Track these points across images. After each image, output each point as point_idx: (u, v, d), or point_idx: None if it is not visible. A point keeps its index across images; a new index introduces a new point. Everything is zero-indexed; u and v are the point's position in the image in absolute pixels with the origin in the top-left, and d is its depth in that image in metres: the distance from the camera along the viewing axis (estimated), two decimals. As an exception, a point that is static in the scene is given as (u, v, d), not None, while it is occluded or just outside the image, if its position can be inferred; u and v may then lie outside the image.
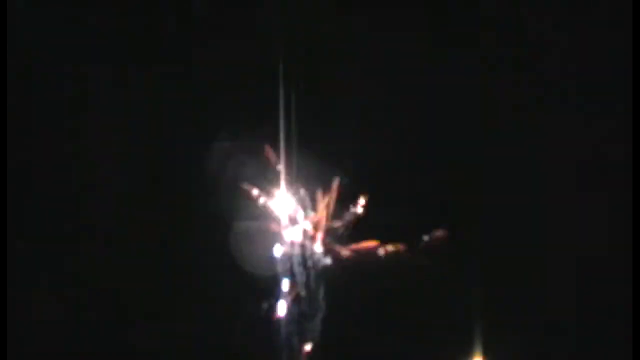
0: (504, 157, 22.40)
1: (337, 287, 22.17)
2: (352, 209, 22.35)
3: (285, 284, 22.26)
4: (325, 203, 22.26)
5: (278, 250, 22.30)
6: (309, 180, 22.36)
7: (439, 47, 22.47)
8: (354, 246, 22.19)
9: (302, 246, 22.35)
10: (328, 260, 22.32)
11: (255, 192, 22.39)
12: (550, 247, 21.90)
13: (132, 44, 22.89)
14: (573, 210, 22.04)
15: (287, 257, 22.31)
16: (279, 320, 22.14)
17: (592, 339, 21.22)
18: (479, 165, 22.43)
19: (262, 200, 22.37)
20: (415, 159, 22.49)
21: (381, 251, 21.99)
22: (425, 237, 22.15)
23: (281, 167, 22.33)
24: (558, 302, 21.62)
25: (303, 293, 22.15)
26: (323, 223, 22.37)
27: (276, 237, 22.37)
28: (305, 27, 22.54)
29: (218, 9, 23.17)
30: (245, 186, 22.38)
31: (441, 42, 22.52)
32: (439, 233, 22.12)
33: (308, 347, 22.07)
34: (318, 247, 22.39)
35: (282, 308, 22.12)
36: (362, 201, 22.27)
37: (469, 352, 21.46)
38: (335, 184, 22.25)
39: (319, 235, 22.40)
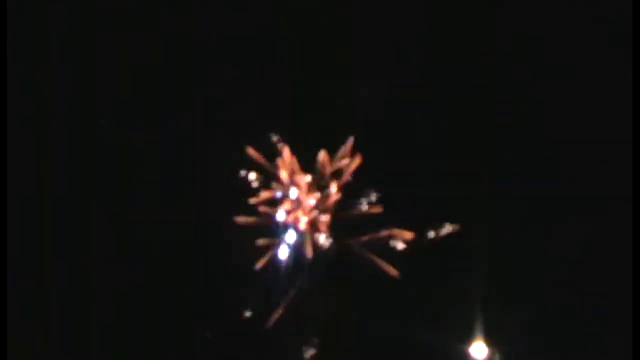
0: (508, 155, 22.55)
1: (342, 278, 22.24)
2: (363, 201, 22.36)
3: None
4: (335, 186, 22.20)
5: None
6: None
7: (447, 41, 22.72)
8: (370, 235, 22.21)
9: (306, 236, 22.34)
10: (334, 250, 22.31)
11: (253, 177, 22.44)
12: (553, 241, 22.03)
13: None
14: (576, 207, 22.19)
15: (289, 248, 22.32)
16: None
17: (593, 327, 21.39)
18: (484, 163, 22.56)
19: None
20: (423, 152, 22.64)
21: (400, 243, 22.01)
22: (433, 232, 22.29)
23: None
24: (559, 291, 21.76)
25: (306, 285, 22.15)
26: (330, 207, 22.32)
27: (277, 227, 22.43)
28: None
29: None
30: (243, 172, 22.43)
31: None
32: (449, 227, 22.21)
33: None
34: (324, 237, 22.36)
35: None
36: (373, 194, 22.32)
37: (470, 336, 21.56)
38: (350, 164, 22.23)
39: (325, 222, 22.37)
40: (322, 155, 22.16)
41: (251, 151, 22.30)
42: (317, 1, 23.29)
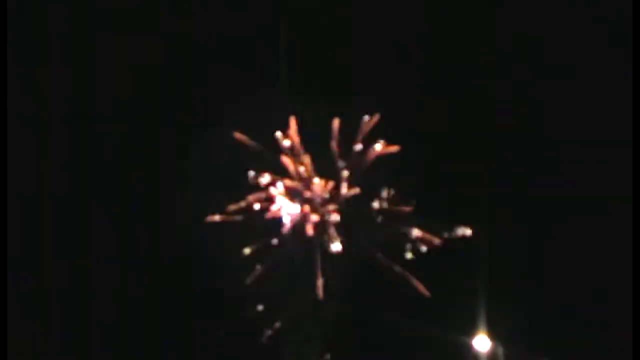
0: (508, 155, 22.60)
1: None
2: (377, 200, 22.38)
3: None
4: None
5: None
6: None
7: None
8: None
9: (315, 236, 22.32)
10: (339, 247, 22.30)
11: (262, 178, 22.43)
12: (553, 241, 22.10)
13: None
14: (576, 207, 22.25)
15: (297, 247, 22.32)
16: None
17: (594, 321, 21.44)
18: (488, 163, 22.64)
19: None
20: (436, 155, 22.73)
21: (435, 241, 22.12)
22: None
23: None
24: (560, 290, 21.81)
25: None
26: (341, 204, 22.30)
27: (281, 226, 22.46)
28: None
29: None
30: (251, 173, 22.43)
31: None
32: (466, 230, 22.28)
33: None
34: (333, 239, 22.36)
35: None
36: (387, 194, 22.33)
37: (473, 329, 21.59)
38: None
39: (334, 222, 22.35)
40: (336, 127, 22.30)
41: (239, 135, 22.31)
42: (317, 1, 23.30)
